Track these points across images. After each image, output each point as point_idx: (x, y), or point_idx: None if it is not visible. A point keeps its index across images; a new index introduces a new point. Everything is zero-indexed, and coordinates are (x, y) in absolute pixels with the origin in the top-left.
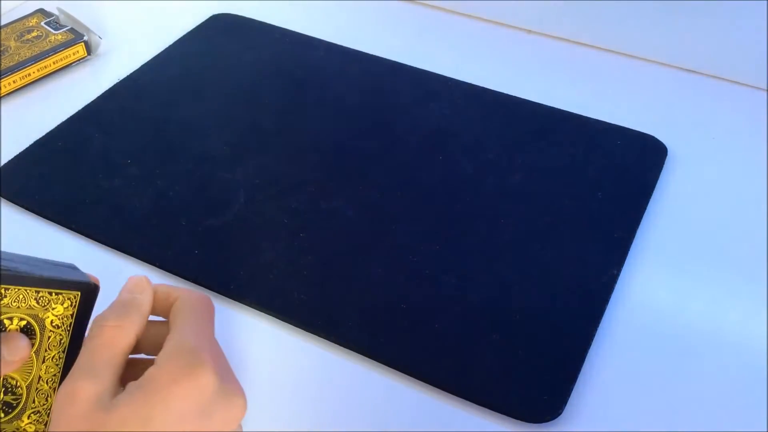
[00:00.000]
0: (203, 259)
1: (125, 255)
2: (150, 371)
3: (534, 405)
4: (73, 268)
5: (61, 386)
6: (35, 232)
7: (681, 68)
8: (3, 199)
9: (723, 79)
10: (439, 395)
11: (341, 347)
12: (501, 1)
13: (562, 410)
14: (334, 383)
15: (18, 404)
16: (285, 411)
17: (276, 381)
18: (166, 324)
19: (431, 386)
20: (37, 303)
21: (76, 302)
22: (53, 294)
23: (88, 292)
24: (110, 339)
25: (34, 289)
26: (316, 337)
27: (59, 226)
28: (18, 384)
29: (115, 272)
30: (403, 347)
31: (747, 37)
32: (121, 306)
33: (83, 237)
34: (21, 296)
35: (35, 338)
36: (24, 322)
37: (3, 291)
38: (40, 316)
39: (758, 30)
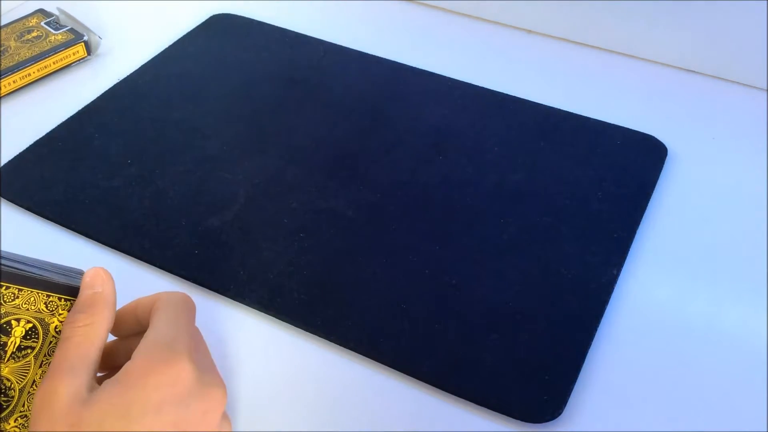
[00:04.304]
0: (203, 259)
1: (125, 255)
2: (126, 366)
3: (534, 405)
4: (81, 274)
5: (40, 386)
6: (35, 232)
7: (681, 68)
8: (3, 199)
9: (723, 79)
10: (439, 395)
11: (341, 347)
12: (501, 1)
13: (562, 410)
14: (334, 383)
15: (8, 406)
16: (285, 411)
17: (276, 381)
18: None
19: (431, 386)
20: (46, 307)
21: None
22: (62, 300)
23: None
24: (83, 337)
25: (45, 293)
26: (316, 337)
27: (59, 226)
28: (12, 386)
29: (115, 272)
30: (403, 347)
31: (747, 37)
32: (88, 305)
33: (83, 237)
34: (32, 299)
35: (37, 342)
36: (30, 325)
37: (17, 291)
38: (46, 320)
39: (758, 30)
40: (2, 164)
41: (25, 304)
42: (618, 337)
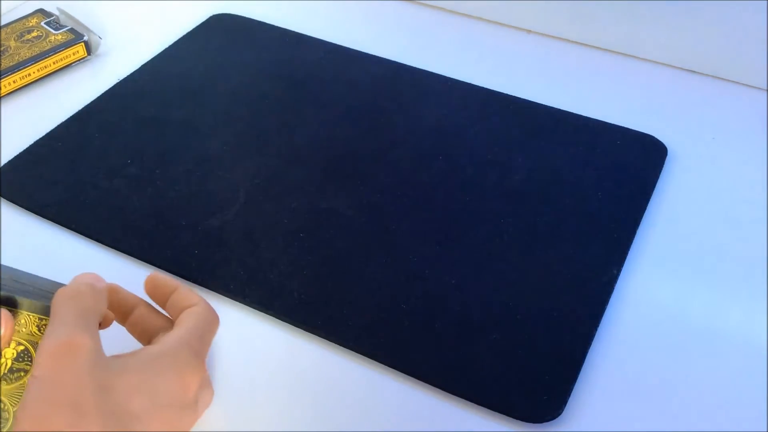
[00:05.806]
0: (203, 259)
1: (125, 255)
2: (158, 349)
3: (534, 405)
4: None
5: (52, 335)
6: (35, 232)
7: (681, 68)
8: (3, 199)
9: (723, 79)
10: (439, 395)
11: (341, 347)
12: (501, 1)
13: (562, 410)
14: (334, 383)
15: (3, 426)
16: (285, 411)
17: (276, 381)
18: (163, 317)
19: (431, 386)
20: (39, 330)
21: None
22: None
23: None
24: (95, 304)
25: (37, 316)
26: (316, 337)
27: (59, 226)
28: (6, 408)
29: (115, 272)
30: (403, 347)
31: (747, 37)
32: (96, 289)
33: (83, 237)
34: (23, 321)
35: (31, 364)
36: (21, 347)
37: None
38: (39, 342)
39: (758, 30)
40: (2, 164)
41: (16, 326)
42: (618, 337)
